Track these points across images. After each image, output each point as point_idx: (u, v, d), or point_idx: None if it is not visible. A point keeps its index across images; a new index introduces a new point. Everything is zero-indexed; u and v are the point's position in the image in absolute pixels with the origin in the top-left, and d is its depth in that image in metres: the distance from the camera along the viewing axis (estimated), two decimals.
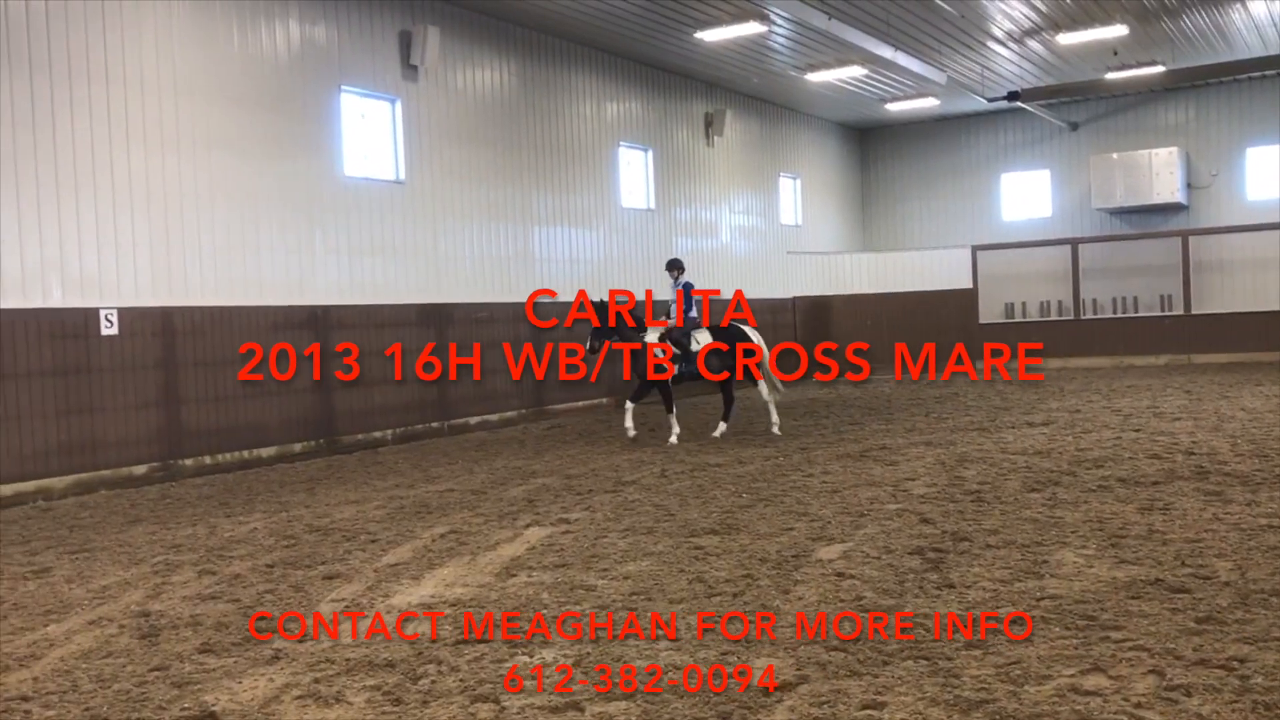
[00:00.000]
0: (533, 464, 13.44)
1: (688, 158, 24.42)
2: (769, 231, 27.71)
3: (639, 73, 22.74)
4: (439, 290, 17.68)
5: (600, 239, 21.47)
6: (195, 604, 7.11)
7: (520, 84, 19.54)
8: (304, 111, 15.59)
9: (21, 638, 6.48)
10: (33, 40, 12.37)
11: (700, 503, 10.01)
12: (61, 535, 9.98)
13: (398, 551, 8.48)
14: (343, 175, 16.17)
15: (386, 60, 16.87)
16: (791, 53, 22.68)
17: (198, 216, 14.11)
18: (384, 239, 16.75)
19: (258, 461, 14.67)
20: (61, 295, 12.63)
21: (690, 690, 5.11)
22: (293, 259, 15.38)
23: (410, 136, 17.27)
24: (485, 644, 5.94)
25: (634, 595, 6.82)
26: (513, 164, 19.31)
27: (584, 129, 21.16)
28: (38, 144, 12.39)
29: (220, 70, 14.47)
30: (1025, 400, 18.45)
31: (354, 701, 5.14)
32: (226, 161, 14.49)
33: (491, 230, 18.82)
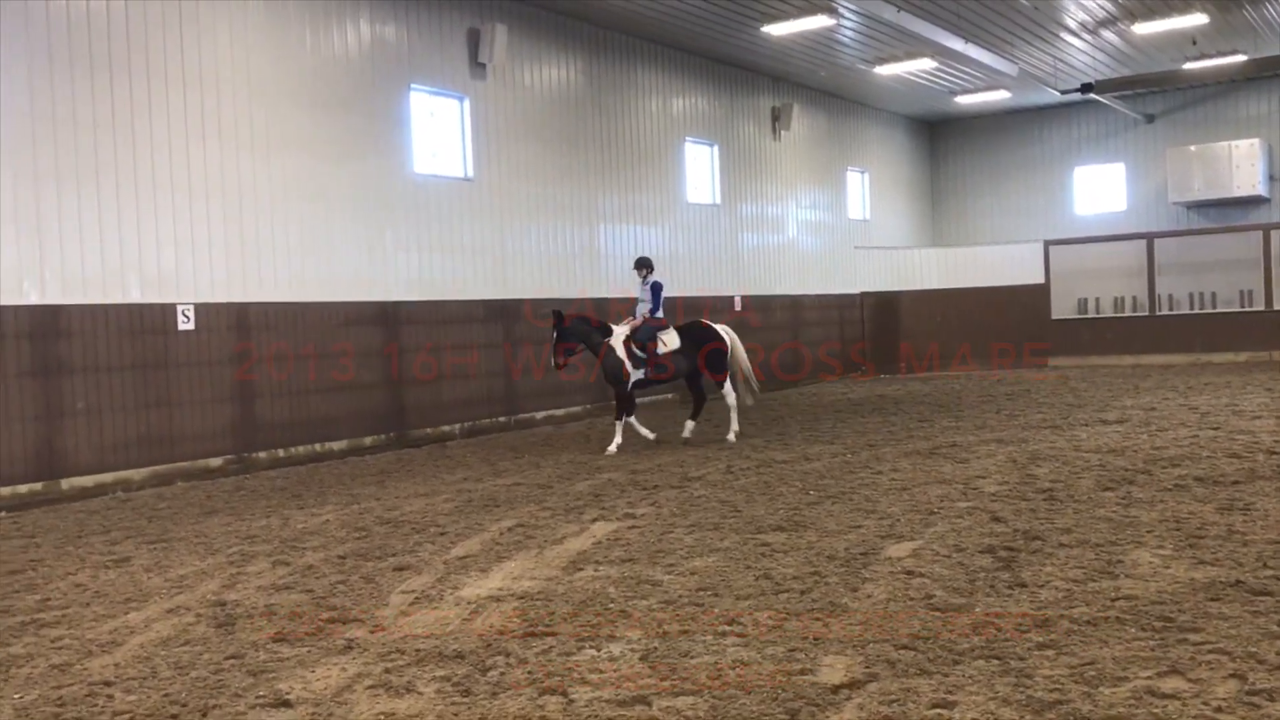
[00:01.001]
0: (598, 459, 13.48)
1: (754, 153, 24.32)
2: (836, 226, 27.49)
3: (705, 68, 22.68)
4: (505, 287, 17.81)
5: (665, 235, 21.46)
6: (269, 594, 7.24)
7: (586, 81, 19.60)
8: (374, 110, 15.79)
9: (103, 625, 6.66)
10: (113, 42, 12.68)
11: (767, 499, 9.97)
12: (140, 525, 10.23)
13: (466, 544, 8.56)
14: (412, 173, 16.35)
15: (455, 59, 17.02)
16: (860, 46, 22.47)
17: (271, 214, 14.36)
18: (452, 236, 16.91)
19: (329, 455, 14.90)
20: (140, 292, 12.93)
21: (758, 686, 5.10)
22: (363, 256, 15.59)
23: (478, 134, 17.41)
24: (552, 637, 5.98)
25: (700, 591, 6.82)
26: (579, 161, 19.38)
27: (649, 125, 21.17)
28: (117, 144, 12.70)
29: (293, 70, 14.71)
30: (1099, 397, 18.11)
31: (424, 692, 5.20)
32: (299, 160, 14.73)
33: (557, 227, 18.91)
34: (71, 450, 12.21)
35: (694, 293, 22.03)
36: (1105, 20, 21.56)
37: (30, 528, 10.38)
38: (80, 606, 7.13)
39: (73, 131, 12.28)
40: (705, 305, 22.30)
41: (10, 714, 5.13)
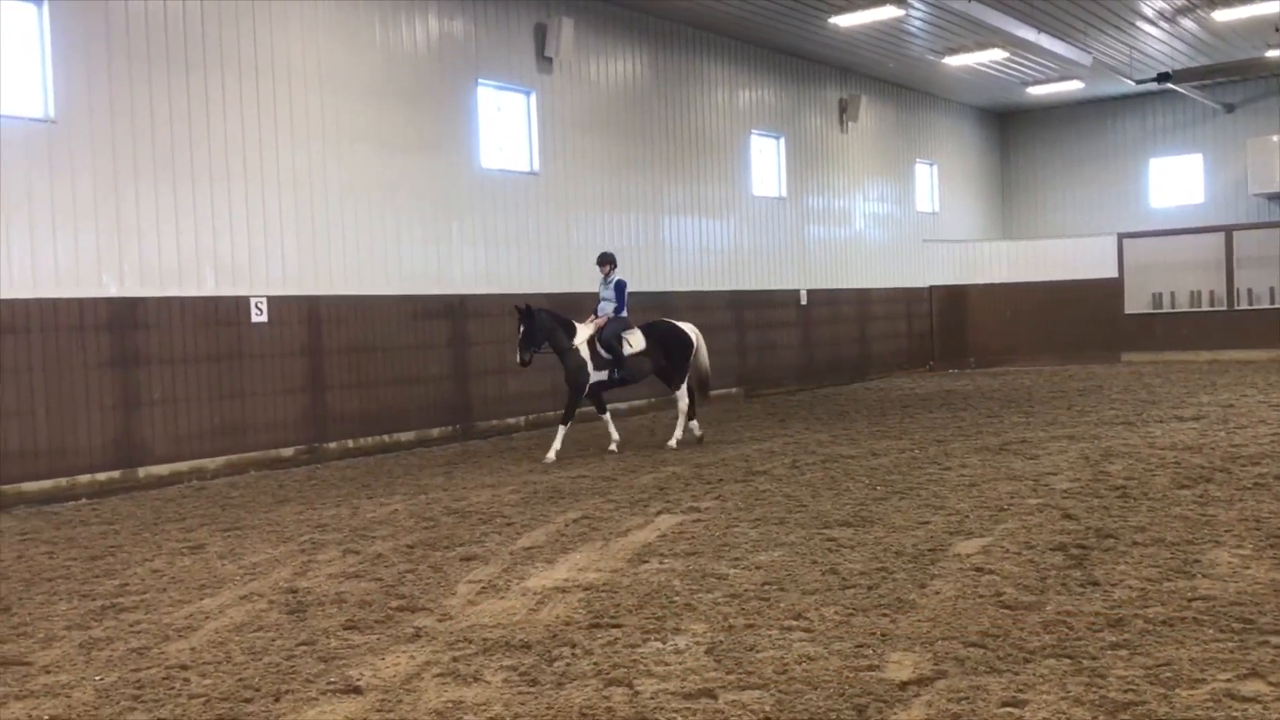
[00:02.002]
0: (662, 452, 13.48)
1: (821, 145, 24.13)
2: (904, 219, 27.20)
3: (771, 60, 22.55)
4: (570, 280, 17.87)
5: (731, 228, 21.39)
6: (340, 582, 7.35)
7: (652, 74, 19.59)
8: (443, 105, 15.93)
9: (179, 610, 6.81)
10: (189, 39, 12.94)
11: (833, 494, 9.90)
12: (214, 513, 10.44)
13: (532, 535, 8.61)
14: (479, 167, 16.48)
15: (522, 53, 17.11)
16: (929, 36, 22.18)
17: (342, 208, 14.56)
18: (518, 229, 17.01)
19: (397, 445, 15.09)
20: (215, 284, 13.20)
21: (824, 682, 5.07)
22: (431, 249, 15.75)
23: (544, 128, 17.49)
24: (618, 629, 5.99)
25: (766, 585, 6.79)
26: (644, 154, 19.38)
27: (715, 117, 21.10)
28: (193, 138, 12.96)
29: (363, 65, 14.89)
30: (1174, 394, 17.71)
31: (491, 681, 5.25)
32: (369, 154, 14.91)
33: (622, 220, 18.93)
34: (148, 439, 12.50)
35: (759, 286, 21.95)
36: (1184, 8, 21.05)
37: (109, 514, 10.65)
38: (157, 592, 7.30)
39: (150, 126, 12.56)
40: (771, 299, 22.22)
41: (92, 695, 5.27)
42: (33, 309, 11.57)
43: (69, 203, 11.89)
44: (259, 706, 5.04)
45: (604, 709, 4.83)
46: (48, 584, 7.67)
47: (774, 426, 15.92)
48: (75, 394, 11.91)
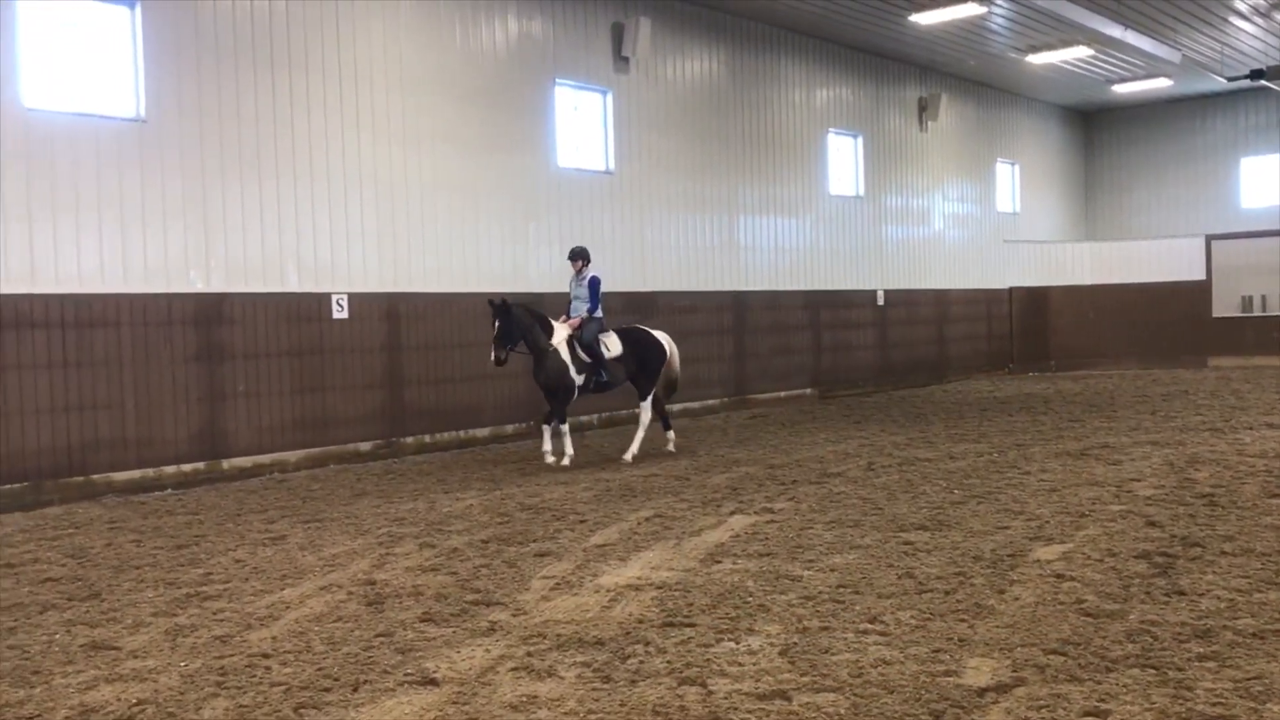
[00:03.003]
0: (735, 452, 13.45)
1: (899, 144, 23.85)
2: (984, 219, 26.77)
3: (850, 58, 22.34)
4: (644, 279, 17.90)
5: (807, 228, 21.24)
6: (416, 575, 7.45)
7: (729, 72, 19.53)
8: (520, 105, 16.06)
9: (261, 600, 6.95)
10: (274, 40, 13.20)
11: (909, 497, 9.79)
12: (295, 505, 10.64)
13: (605, 532, 8.64)
14: (556, 166, 16.57)
15: (599, 53, 17.17)
16: (1011, 34, 21.80)
17: (421, 207, 14.75)
18: (593, 228, 17.07)
19: (472, 441, 15.24)
20: (298, 280, 13.45)
21: (900, 686, 5.01)
22: (508, 248, 15.88)
23: (620, 127, 17.53)
24: (691, 628, 5.99)
25: (840, 588, 6.73)
26: (719, 153, 19.33)
27: (792, 116, 20.97)
28: (278, 138, 13.22)
29: (443, 66, 15.06)
30: (1264, 400, 17.19)
31: (565, 676, 5.28)
32: (448, 153, 15.08)
33: (697, 220, 18.90)
34: (232, 432, 12.78)
35: (835, 286, 21.78)
36: (1278, 3, 20.40)
37: (194, 505, 10.91)
38: (240, 581, 7.46)
39: (236, 126, 12.84)
40: (847, 299, 22.04)
41: (177, 681, 5.40)
42: (123, 304, 11.90)
43: (158, 201, 12.21)
44: (337, 696, 5.12)
45: (677, 707, 4.83)
46: (135, 571, 7.88)
47: (849, 428, 15.79)
48: (162, 387, 12.22)
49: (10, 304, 11.07)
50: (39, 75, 11.49)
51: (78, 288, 11.57)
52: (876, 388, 22.47)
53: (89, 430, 11.60)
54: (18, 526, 9.93)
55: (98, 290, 11.72)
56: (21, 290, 11.16)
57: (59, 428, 11.38)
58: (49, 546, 8.91)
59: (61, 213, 11.47)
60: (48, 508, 10.91)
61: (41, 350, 11.32)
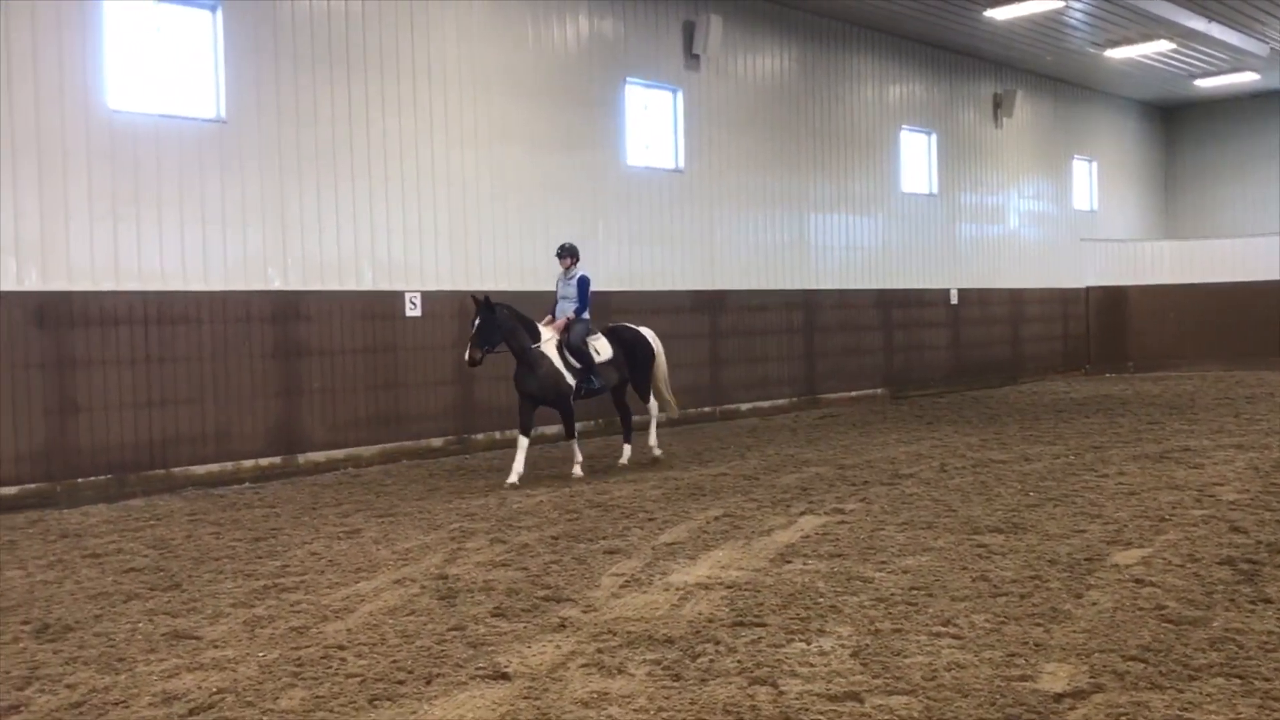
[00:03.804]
0: (805, 452, 13.36)
1: (973, 140, 23.51)
2: (1060, 217, 26.28)
3: (923, 54, 22.08)
4: (713, 278, 17.86)
5: (879, 226, 21.04)
6: (488, 570, 7.51)
7: (800, 69, 19.41)
8: (591, 103, 16.12)
9: (336, 592, 7.06)
10: (350, 41, 13.40)
11: (983, 500, 9.65)
12: (369, 500, 10.80)
13: (674, 531, 8.64)
14: (625, 165, 16.61)
15: (670, 51, 17.17)
16: (1090, 28, 21.36)
17: (492, 205, 14.88)
18: (662, 227, 17.09)
19: (541, 439, 15.28)
20: (373, 279, 13.64)
21: (975, 690, 4.94)
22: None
23: (690, 125, 17.51)
24: (761, 628, 5.96)
25: (913, 590, 6.66)
26: (790, 150, 19.22)
27: (864, 113, 20.78)
28: (353, 138, 13.42)
29: (515, 65, 15.17)
30: None
31: (635, 674, 5.28)
32: (519, 152, 15.19)
33: (767, 218, 18.81)
34: (308, 427, 13.00)
35: (907, 285, 21.55)
36: None
37: (271, 498, 11.12)
38: (315, 574, 7.58)
39: (313, 127, 13.06)
40: (919, 298, 21.80)
41: (255, 671, 5.51)
42: (203, 301, 12.17)
43: (238, 200, 12.46)
44: (411, 689, 5.19)
45: (748, 707, 4.82)
46: (214, 563, 8.05)
47: (921, 429, 15.61)
48: (241, 383, 12.47)
49: (96, 301, 11.38)
50: (124, 78, 11.79)
51: (160, 285, 11.86)
52: (949, 388, 22.18)
53: (170, 425, 11.88)
54: (102, 518, 10.21)
55: (179, 288, 12.00)
56: (107, 288, 11.47)
57: (142, 422, 11.67)
58: (132, 538, 9.14)
59: (145, 212, 11.76)
60: (131, 500, 11.20)
61: (125, 346, 11.61)
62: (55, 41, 11.15)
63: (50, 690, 5.32)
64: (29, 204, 10.99)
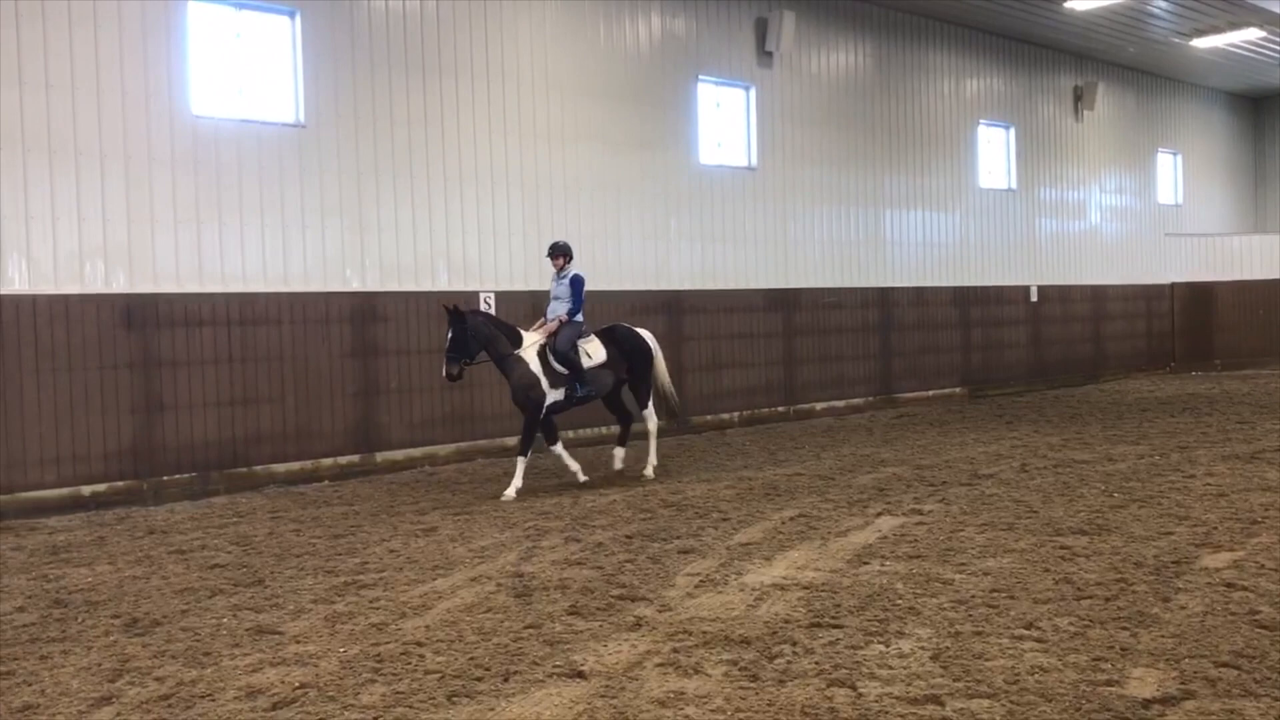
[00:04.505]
0: (882, 452, 13.21)
1: (1053, 134, 23.05)
2: (1144, 212, 25.64)
3: (1001, 47, 21.70)
4: (787, 275, 17.74)
5: (956, 222, 20.72)
6: (563, 568, 7.53)
7: (875, 64, 19.20)
8: (663, 102, 16.11)
9: (414, 589, 7.13)
10: (425, 43, 13.55)
11: (1065, 500, 9.45)
12: (445, 498, 10.90)
13: (749, 531, 8.59)
14: (697, 163, 16.56)
15: (742, 48, 17.09)
16: (1174, 17, 20.81)
17: (565, 205, 14.94)
18: (734, 225, 17.02)
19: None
20: (448, 279, 13.78)
21: (1059, 695, 4.83)
22: (649, 245, 15.95)
23: (763, 122, 17.42)
24: (839, 629, 5.90)
25: (994, 592, 6.54)
26: (864, 147, 19.02)
27: (941, 108, 20.48)
28: (428, 139, 13.57)
29: (587, 65, 15.22)
30: None
31: (712, 674, 5.26)
32: (591, 151, 15.23)
33: (841, 215, 18.64)
34: (385, 426, 13.17)
35: (985, 282, 21.20)
36: None
37: (349, 496, 11.28)
38: (394, 571, 7.67)
39: (390, 130, 13.22)
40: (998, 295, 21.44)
41: (336, 666, 5.59)
42: (283, 302, 12.39)
43: (316, 203, 12.67)
44: (489, 685, 5.22)
45: (826, 709, 4.76)
46: (296, 559, 8.19)
47: (1001, 428, 15.34)
48: (320, 382, 12.67)
49: (180, 303, 11.64)
50: (206, 84, 12.05)
51: (242, 287, 12.10)
52: (1029, 387, 21.77)
53: (252, 424, 12.12)
54: (187, 515, 10.44)
55: (260, 289, 12.22)
56: (191, 290, 11.73)
57: (224, 421, 11.92)
58: (216, 534, 9.34)
59: (227, 215, 12.01)
60: (214, 497, 11.45)
61: (209, 347, 11.87)
62: (140, 49, 11.43)
63: (140, 683, 5.44)
64: (116, 209, 11.28)
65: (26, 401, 10.72)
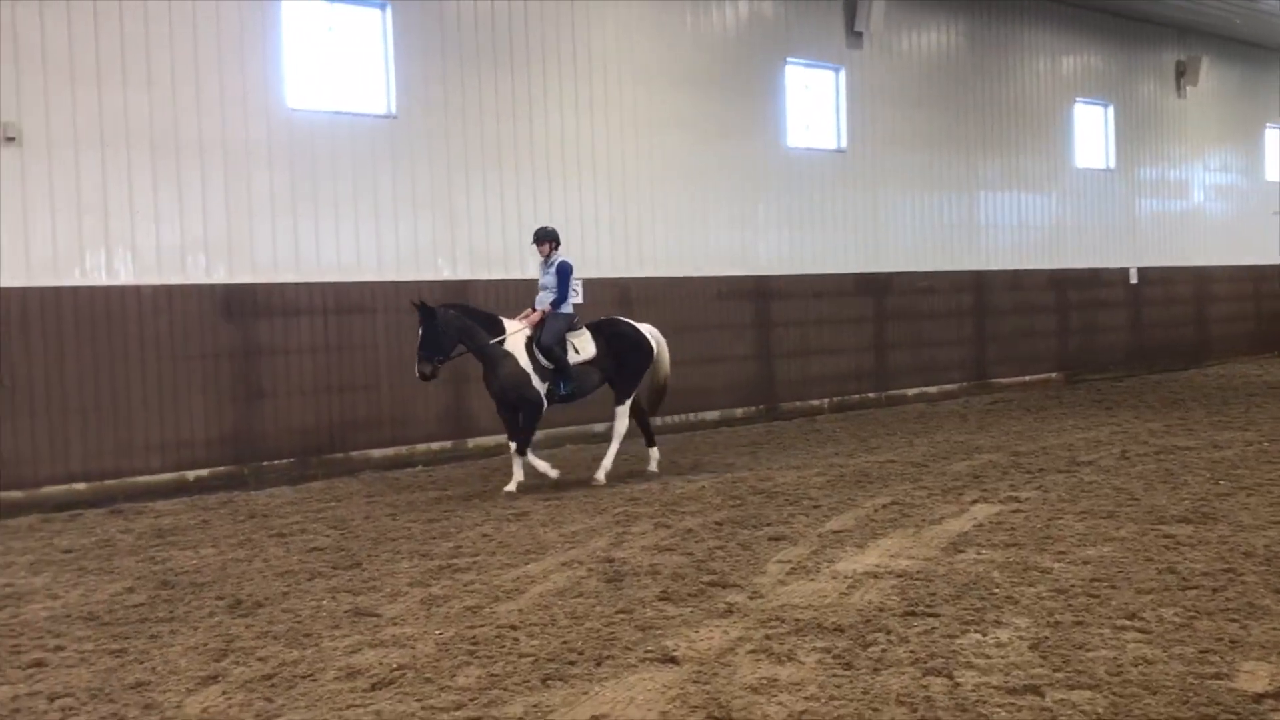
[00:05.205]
0: (976, 439, 12.97)
1: (1154, 112, 22.34)
2: (1251, 190, 24.73)
3: (1099, 23, 21.08)
4: (877, 260, 17.50)
5: (1052, 203, 20.23)
6: (653, 554, 7.54)
7: (968, 43, 18.81)
8: (750, 86, 15.99)
9: (507, 573, 7.21)
10: (513, 36, 13.65)
11: (1169, 488, 9.18)
12: (535, 483, 10.98)
13: (840, 519, 8.51)
14: (785, 147, 16.42)
15: (831, 30, 16.88)
16: None
17: (651, 192, 14.93)
18: (823, 209, 16.84)
19: (701, 424, 15.33)
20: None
21: (1164, 687, 4.70)
22: (736, 231, 15.87)
23: (852, 104, 17.19)
24: (934, 618, 5.81)
25: (1095, 581, 6.38)
26: (958, 127, 18.65)
27: (1036, 87, 19.98)
28: (517, 130, 13.67)
29: (673, 52, 15.17)
30: None
31: (805, 661, 5.22)
32: (678, 139, 15.19)
33: (933, 197, 18.32)
34: (476, 412, 13.31)
35: (1083, 264, 20.68)
36: None
37: (443, 481, 11.45)
38: (487, 555, 7.76)
39: (478, 120, 13.35)
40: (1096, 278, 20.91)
41: (433, 648, 5.67)
42: (378, 291, 12.60)
43: (408, 193, 12.85)
44: (582, 670, 5.25)
45: (923, 698, 4.70)
46: (391, 543, 8.33)
47: (1100, 414, 14.97)
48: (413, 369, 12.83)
49: (278, 292, 11.92)
50: (300, 77, 12.29)
51: (337, 276, 12.34)
52: (1129, 372, 21.20)
53: (348, 410, 12.37)
54: (286, 499, 10.70)
55: (354, 279, 12.46)
56: (288, 279, 12.00)
57: (321, 407, 12.18)
58: (314, 518, 9.55)
59: (322, 206, 12.25)
60: (312, 482, 11.70)
61: (306, 335, 12.14)
62: (238, 46, 11.71)
63: (244, 662, 5.59)
64: (216, 201, 11.59)
65: (133, 390, 11.09)
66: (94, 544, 8.81)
